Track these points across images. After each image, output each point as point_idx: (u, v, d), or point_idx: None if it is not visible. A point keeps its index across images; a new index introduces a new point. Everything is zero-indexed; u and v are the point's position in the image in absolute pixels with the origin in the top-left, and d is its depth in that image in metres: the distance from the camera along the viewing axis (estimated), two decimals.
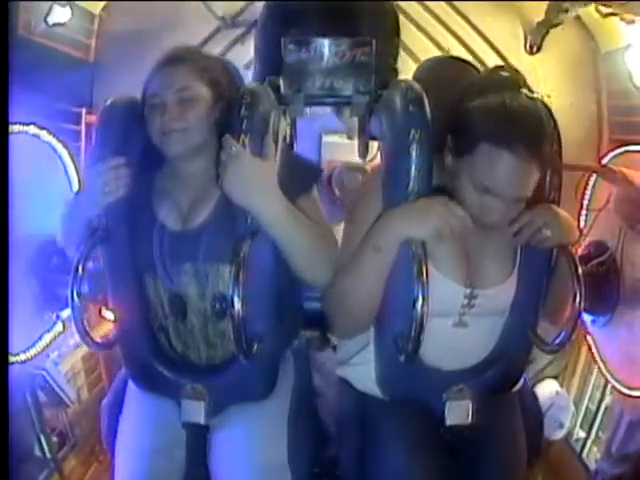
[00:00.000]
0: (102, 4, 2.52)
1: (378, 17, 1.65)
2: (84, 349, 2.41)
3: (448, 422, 1.30)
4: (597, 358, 2.32)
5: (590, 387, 2.45)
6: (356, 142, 1.85)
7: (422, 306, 1.11)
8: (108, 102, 1.33)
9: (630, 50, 2.25)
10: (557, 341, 1.24)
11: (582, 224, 2.30)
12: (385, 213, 1.21)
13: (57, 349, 2.21)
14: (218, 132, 1.28)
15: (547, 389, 2.44)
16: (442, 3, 2.56)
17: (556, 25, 2.38)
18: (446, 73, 1.59)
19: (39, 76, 1.99)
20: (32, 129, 2.01)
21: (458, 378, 1.31)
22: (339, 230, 1.34)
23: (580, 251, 2.17)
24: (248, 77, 1.66)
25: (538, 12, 2.43)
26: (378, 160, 1.40)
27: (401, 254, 1.18)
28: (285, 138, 1.50)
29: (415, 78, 1.47)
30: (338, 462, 1.43)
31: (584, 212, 2.32)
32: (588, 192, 2.31)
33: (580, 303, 1.20)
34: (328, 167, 1.52)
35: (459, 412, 1.30)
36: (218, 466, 1.34)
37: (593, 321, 2.24)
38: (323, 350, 1.87)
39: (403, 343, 1.17)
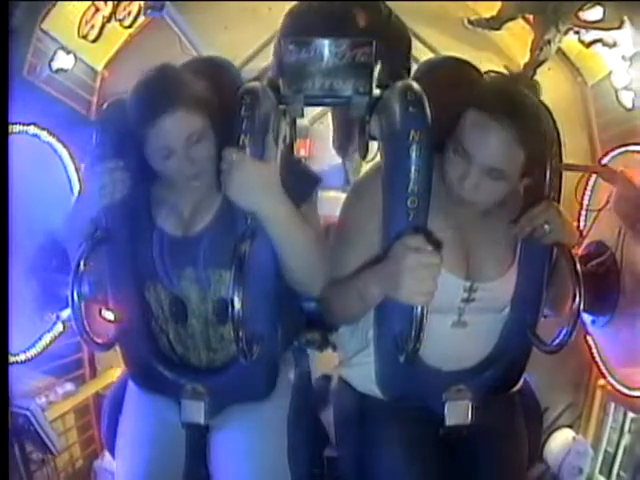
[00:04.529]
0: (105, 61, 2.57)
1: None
2: (74, 400, 2.36)
3: (448, 422, 1.30)
4: (597, 358, 2.32)
5: (607, 431, 2.46)
6: None
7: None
8: (108, 102, 1.33)
9: (614, 74, 2.34)
10: (556, 341, 1.24)
11: (582, 224, 2.31)
12: (368, 268, 1.19)
13: (45, 396, 2.21)
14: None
15: (563, 437, 2.45)
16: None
17: (542, 63, 2.39)
18: (447, 73, 1.58)
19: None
20: (32, 129, 2.01)
21: (458, 378, 1.31)
22: None
23: (580, 251, 2.17)
24: None
25: (522, 53, 2.47)
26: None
27: None
28: (285, 139, 1.49)
29: (415, 78, 1.47)
30: (338, 462, 1.43)
31: (584, 212, 2.32)
32: (588, 192, 2.32)
33: (580, 303, 1.20)
34: (325, 222, 1.53)
35: (459, 412, 1.30)
36: (218, 466, 1.34)
37: (593, 321, 2.24)
38: (323, 350, 1.87)
39: (403, 343, 1.17)
